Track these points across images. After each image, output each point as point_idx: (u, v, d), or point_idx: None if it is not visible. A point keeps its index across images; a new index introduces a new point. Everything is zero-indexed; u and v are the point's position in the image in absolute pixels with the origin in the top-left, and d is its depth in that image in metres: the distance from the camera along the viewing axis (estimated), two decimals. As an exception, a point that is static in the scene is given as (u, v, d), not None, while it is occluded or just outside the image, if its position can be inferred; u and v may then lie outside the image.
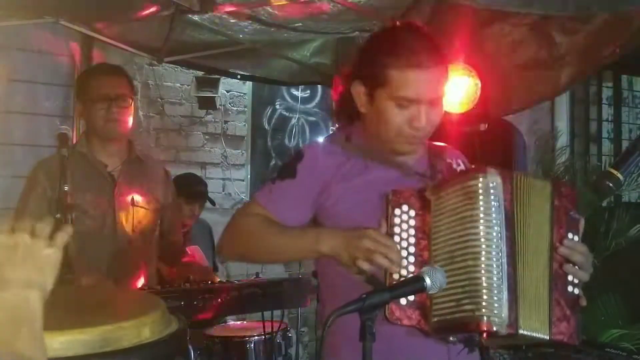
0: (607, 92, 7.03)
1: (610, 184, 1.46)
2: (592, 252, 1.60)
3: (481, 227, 1.46)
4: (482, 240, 1.46)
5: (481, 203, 1.47)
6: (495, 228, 1.46)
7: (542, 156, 5.80)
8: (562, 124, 6.59)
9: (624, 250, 4.84)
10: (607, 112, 7.04)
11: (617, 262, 4.44)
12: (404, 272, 1.55)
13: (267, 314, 2.86)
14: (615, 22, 2.76)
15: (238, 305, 2.71)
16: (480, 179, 1.49)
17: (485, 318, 1.43)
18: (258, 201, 1.75)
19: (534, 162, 5.56)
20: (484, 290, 1.44)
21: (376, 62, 1.66)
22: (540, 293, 1.50)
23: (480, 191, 1.48)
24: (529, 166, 4.25)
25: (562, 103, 6.55)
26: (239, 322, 3.48)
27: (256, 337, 3.01)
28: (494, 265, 1.45)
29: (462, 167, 1.84)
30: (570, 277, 1.54)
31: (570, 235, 1.55)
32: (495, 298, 1.43)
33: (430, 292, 1.42)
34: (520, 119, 5.37)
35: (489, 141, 3.02)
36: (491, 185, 1.48)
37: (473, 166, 1.78)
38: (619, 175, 1.45)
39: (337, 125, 2.02)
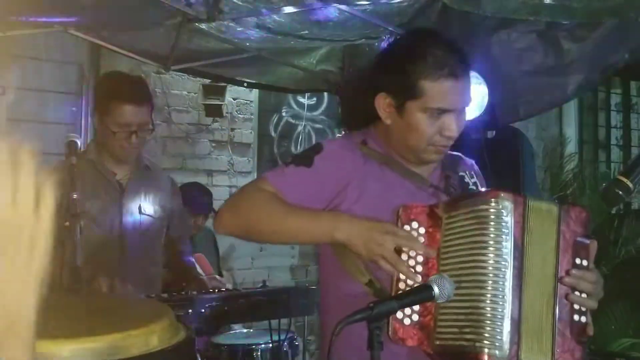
0: (615, 99, 7.02)
1: (620, 192, 1.44)
2: (602, 260, 1.58)
3: (490, 255, 1.44)
4: (490, 269, 1.44)
5: (492, 230, 1.45)
6: (504, 257, 1.44)
7: (551, 163, 5.78)
8: (571, 130, 6.57)
9: (633, 258, 4.81)
10: (615, 118, 7.02)
11: (627, 270, 4.42)
12: None
13: (274, 322, 2.86)
14: (624, 29, 2.75)
15: (245, 313, 2.69)
16: (492, 204, 1.46)
17: (486, 350, 1.41)
18: (268, 180, 1.66)
19: (542, 169, 5.54)
20: (487, 322, 1.42)
21: (405, 72, 1.61)
22: (544, 324, 1.47)
23: (492, 217, 1.45)
24: (537, 173, 4.23)
25: (571, 110, 6.54)
26: (245, 330, 3.48)
27: (263, 345, 3.00)
28: (500, 296, 1.42)
29: (474, 179, 1.81)
30: (576, 306, 1.50)
31: (578, 261, 1.50)
32: (498, 330, 1.41)
33: (438, 302, 1.41)
34: (528, 126, 5.37)
35: (496, 148, 3.01)
36: (503, 211, 1.45)
37: (485, 189, 1.77)
38: (628, 183, 1.44)
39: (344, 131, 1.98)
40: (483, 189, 1.80)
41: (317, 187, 1.64)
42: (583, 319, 1.50)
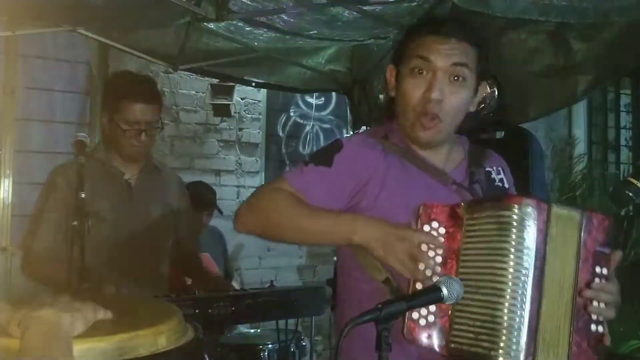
0: (625, 99, 6.98)
1: (630, 193, 1.43)
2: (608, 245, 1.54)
3: (510, 263, 1.41)
4: (510, 277, 1.40)
5: (513, 237, 1.41)
6: (525, 265, 1.41)
7: (559, 164, 5.76)
8: (580, 131, 6.54)
9: (643, 260, 4.78)
10: (625, 119, 6.98)
11: (636, 272, 4.38)
12: None
13: (281, 322, 2.86)
14: (633, 30, 2.73)
15: (252, 314, 2.69)
16: (515, 210, 1.42)
17: (500, 359, 1.39)
18: (288, 180, 1.64)
19: (552, 170, 5.52)
20: (504, 331, 1.39)
21: (404, 39, 1.67)
22: (561, 334, 1.44)
23: (514, 223, 1.42)
24: (546, 174, 4.21)
25: (580, 110, 6.51)
26: (252, 331, 3.48)
27: (270, 346, 3.00)
28: (518, 305, 1.40)
29: (501, 175, 1.77)
30: (594, 316, 1.48)
31: (598, 270, 1.48)
32: (514, 340, 1.39)
33: (447, 303, 1.40)
34: (537, 126, 5.35)
35: (505, 149, 2.97)
36: (525, 218, 1.42)
37: (508, 193, 1.73)
38: (638, 184, 1.43)
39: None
40: (507, 188, 1.77)
41: (338, 186, 1.63)
42: (600, 329, 1.48)
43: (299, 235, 1.63)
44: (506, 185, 1.78)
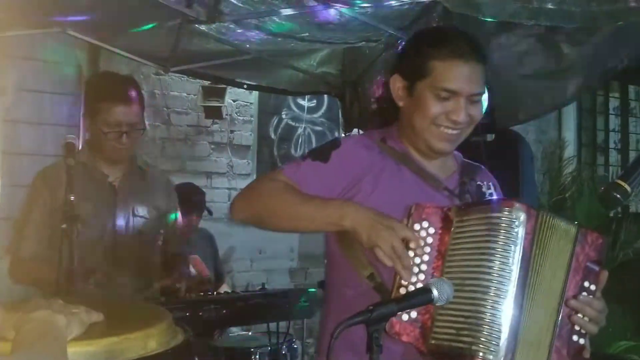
0: (614, 103, 7.04)
1: (618, 195, 1.44)
2: (599, 263, 1.58)
3: (496, 262, 1.44)
4: (495, 275, 1.44)
5: (501, 237, 1.45)
6: (510, 265, 1.44)
7: (549, 166, 5.79)
8: (570, 134, 6.59)
9: (631, 262, 4.82)
10: (614, 122, 7.03)
11: (624, 273, 4.41)
12: (411, 288, 1.53)
13: (272, 325, 2.85)
14: (622, 33, 2.75)
15: (244, 316, 2.70)
16: (506, 213, 1.46)
17: (480, 354, 1.41)
18: (284, 172, 1.70)
19: (541, 173, 5.54)
20: (485, 327, 1.42)
21: (419, 53, 1.66)
22: (543, 338, 1.48)
23: (504, 225, 1.46)
24: (536, 176, 4.23)
25: (570, 113, 6.55)
26: (244, 333, 3.47)
27: (261, 349, 2.99)
28: (501, 303, 1.43)
29: (491, 190, 1.81)
30: (577, 327, 1.51)
31: (586, 285, 1.52)
32: (495, 336, 1.41)
33: (437, 304, 1.41)
34: (527, 129, 5.38)
35: (495, 151, 3.00)
36: (515, 221, 1.45)
37: (500, 198, 1.77)
38: (626, 186, 1.43)
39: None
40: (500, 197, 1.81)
41: (332, 181, 1.67)
42: (582, 341, 1.51)
43: (291, 221, 1.67)
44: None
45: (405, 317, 1.51)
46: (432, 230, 1.55)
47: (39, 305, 1.17)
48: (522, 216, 1.46)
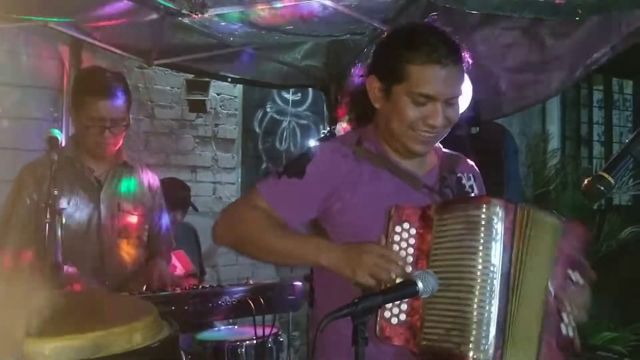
0: (597, 95, 7.09)
1: (602, 187, 1.44)
2: (583, 255, 1.60)
3: (479, 260, 1.45)
4: (478, 274, 1.45)
5: (482, 235, 1.46)
6: (493, 262, 1.45)
7: (533, 159, 5.83)
8: (553, 127, 6.63)
9: (615, 253, 4.87)
10: (598, 115, 7.09)
11: (608, 264, 4.46)
12: None
13: (258, 318, 2.85)
14: (606, 26, 2.77)
15: (229, 310, 2.69)
16: (484, 210, 1.47)
17: (470, 353, 1.42)
18: (261, 194, 1.69)
19: (525, 165, 5.58)
20: (473, 326, 1.43)
21: (395, 56, 1.63)
22: (531, 332, 1.49)
23: (483, 222, 1.46)
24: (520, 169, 4.26)
25: (553, 106, 6.60)
26: (230, 327, 3.47)
27: (247, 342, 2.99)
28: (487, 301, 1.44)
29: (471, 182, 1.81)
30: (565, 319, 1.52)
31: (571, 275, 1.53)
32: (484, 334, 1.42)
33: (423, 297, 1.42)
34: (511, 122, 5.40)
35: (480, 144, 3.02)
36: (493, 217, 1.46)
37: (476, 195, 1.77)
38: (610, 178, 1.44)
39: (321, 135, 1.98)
40: (476, 193, 1.81)
41: (309, 197, 1.67)
42: (570, 332, 1.53)
43: (270, 255, 1.71)
44: (476, 192, 1.82)
45: (394, 320, 1.52)
46: (413, 231, 1.55)
47: None
48: (500, 212, 1.47)
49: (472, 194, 1.79)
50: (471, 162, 1.88)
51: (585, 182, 1.43)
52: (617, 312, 4.62)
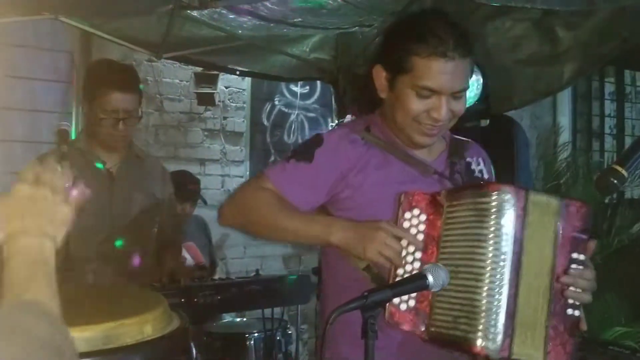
0: (609, 88, 7.03)
1: (615, 181, 1.43)
2: (595, 249, 1.57)
3: (489, 248, 1.44)
4: (488, 262, 1.44)
5: (492, 223, 1.44)
6: (503, 250, 1.43)
7: (544, 152, 5.79)
8: (565, 119, 6.58)
9: (626, 248, 4.83)
10: (609, 107, 7.03)
11: (620, 259, 4.44)
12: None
13: (267, 311, 2.86)
14: (618, 17, 2.74)
15: (238, 302, 2.70)
16: (494, 197, 1.45)
17: (479, 341, 1.42)
18: (269, 177, 1.68)
19: (536, 159, 5.55)
20: (482, 314, 1.42)
21: (401, 47, 1.60)
22: (538, 317, 1.48)
23: (493, 210, 1.45)
24: (531, 162, 4.23)
25: (565, 98, 6.54)
26: (238, 319, 3.48)
27: (256, 334, 3.00)
28: (496, 289, 1.43)
29: (480, 166, 1.80)
30: (571, 300, 1.51)
31: (575, 256, 1.50)
32: (492, 322, 1.42)
33: (432, 290, 1.41)
34: (522, 115, 5.37)
35: (490, 137, 3.00)
36: (504, 204, 1.44)
37: (486, 181, 1.76)
38: (623, 171, 1.42)
39: (329, 128, 1.98)
40: (487, 178, 1.80)
41: (318, 181, 1.66)
42: (577, 313, 1.51)
43: (278, 233, 1.69)
44: (485, 176, 1.80)
45: (403, 306, 1.51)
46: (423, 217, 1.55)
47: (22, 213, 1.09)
48: (511, 199, 1.45)
49: (482, 179, 1.77)
50: (480, 147, 1.86)
51: (598, 175, 1.41)
52: (629, 306, 4.58)
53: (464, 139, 1.83)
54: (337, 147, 1.67)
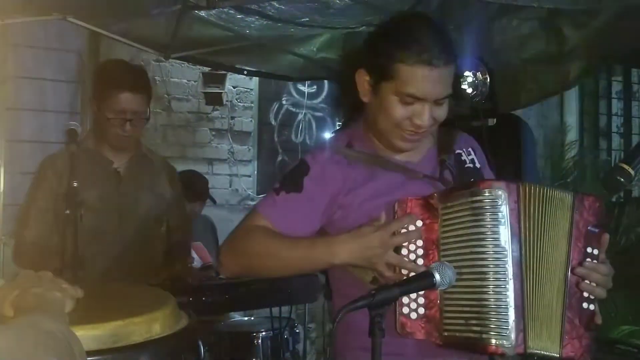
0: (616, 86, 7.00)
1: (622, 179, 1.43)
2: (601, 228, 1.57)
3: (489, 246, 1.45)
4: (490, 260, 1.44)
5: (488, 220, 1.45)
6: (503, 246, 1.44)
7: (551, 151, 5.78)
8: (572, 118, 6.56)
9: (634, 246, 4.81)
10: (616, 106, 7.00)
11: (627, 258, 4.42)
12: None
13: (274, 310, 2.86)
14: (625, 16, 2.74)
15: (246, 301, 2.70)
16: (486, 194, 1.46)
17: (493, 341, 1.42)
18: (262, 214, 1.66)
19: (543, 157, 5.53)
20: (492, 313, 1.43)
21: (385, 53, 1.59)
22: (553, 310, 1.48)
23: (487, 207, 1.45)
24: (537, 161, 4.22)
25: (572, 97, 6.52)
26: (246, 318, 3.49)
27: (264, 333, 3.01)
28: (502, 286, 1.43)
29: (472, 156, 1.78)
30: (586, 294, 1.51)
31: (589, 250, 1.51)
32: (503, 320, 1.42)
33: (440, 288, 1.41)
34: (529, 113, 5.35)
35: (497, 136, 3.00)
36: (497, 200, 1.45)
37: (475, 180, 1.74)
38: (630, 169, 1.43)
39: (336, 127, 1.96)
40: (478, 168, 1.77)
41: (311, 210, 1.65)
42: (592, 307, 1.51)
43: (283, 269, 1.68)
44: (477, 165, 1.78)
45: (413, 315, 1.51)
46: (419, 223, 1.54)
47: (31, 279, 1.17)
48: (503, 194, 1.45)
49: (475, 169, 1.76)
50: (468, 136, 1.83)
51: (605, 173, 1.41)
52: (636, 305, 4.57)
53: (450, 128, 1.79)
54: (324, 172, 1.66)
